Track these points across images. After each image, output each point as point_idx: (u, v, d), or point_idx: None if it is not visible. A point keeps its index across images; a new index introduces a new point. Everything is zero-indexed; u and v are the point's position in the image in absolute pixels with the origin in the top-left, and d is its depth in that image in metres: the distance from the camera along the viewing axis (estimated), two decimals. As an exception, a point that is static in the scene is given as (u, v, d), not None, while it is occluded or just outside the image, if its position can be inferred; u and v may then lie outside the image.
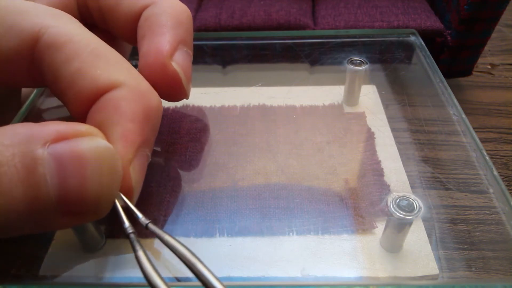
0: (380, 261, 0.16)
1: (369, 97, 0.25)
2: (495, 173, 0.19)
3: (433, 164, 0.21)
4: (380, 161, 0.21)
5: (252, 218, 0.18)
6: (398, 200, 0.16)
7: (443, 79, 0.24)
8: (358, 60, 0.24)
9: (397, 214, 0.16)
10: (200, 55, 0.29)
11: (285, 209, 0.18)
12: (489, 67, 0.53)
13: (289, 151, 0.21)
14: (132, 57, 0.24)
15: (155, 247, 0.16)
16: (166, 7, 0.19)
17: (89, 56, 0.15)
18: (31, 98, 0.23)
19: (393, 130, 0.22)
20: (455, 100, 0.23)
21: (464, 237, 0.18)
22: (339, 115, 0.24)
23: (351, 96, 0.24)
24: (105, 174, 0.13)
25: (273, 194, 0.19)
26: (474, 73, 0.50)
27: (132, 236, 0.14)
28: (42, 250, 0.17)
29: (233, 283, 0.16)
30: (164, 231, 0.14)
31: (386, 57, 0.28)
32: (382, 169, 0.20)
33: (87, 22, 0.21)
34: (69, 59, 0.15)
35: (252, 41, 0.29)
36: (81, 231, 0.17)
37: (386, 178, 0.20)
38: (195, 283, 0.13)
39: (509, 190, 0.18)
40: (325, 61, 0.28)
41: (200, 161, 0.21)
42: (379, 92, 0.25)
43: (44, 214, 0.12)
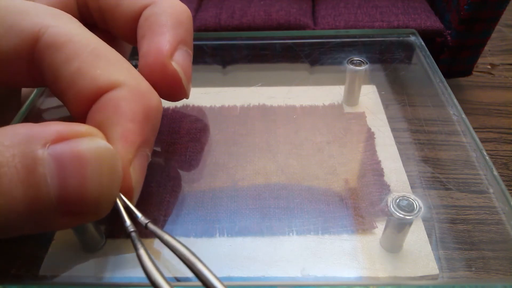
0: (380, 261, 0.16)
1: (369, 97, 0.25)
2: (495, 173, 0.19)
3: (433, 164, 0.21)
4: (380, 161, 0.21)
5: (252, 218, 0.18)
6: (398, 200, 0.16)
7: (443, 79, 0.24)
8: (358, 60, 0.24)
9: (397, 214, 0.16)
10: (200, 55, 0.29)
11: (285, 209, 0.18)
12: (489, 67, 0.53)
13: (289, 151, 0.21)
14: (132, 57, 0.24)
15: (155, 247, 0.16)
16: (166, 7, 0.19)
17: (89, 56, 0.15)
18: (31, 98, 0.23)
19: (393, 130, 0.22)
20: (455, 100, 0.23)
21: (464, 237, 0.18)
22: (339, 115, 0.24)
23: (351, 96, 0.24)
24: (105, 175, 0.13)
25: (273, 194, 0.19)
26: (474, 73, 0.50)
27: (133, 234, 0.14)
28: (42, 250, 0.17)
29: (233, 283, 0.16)
30: (163, 231, 0.14)
31: (386, 57, 0.28)
32: (382, 169, 0.20)
33: (87, 22, 0.21)
34: (69, 59, 0.15)
35: (252, 41, 0.29)
36: (81, 231, 0.17)
37: (386, 178, 0.20)
38: (195, 283, 0.13)
39: (509, 190, 0.18)
40: (325, 61, 0.28)
41: (200, 161, 0.21)
42: (379, 92, 0.25)
43: (44, 214, 0.12)
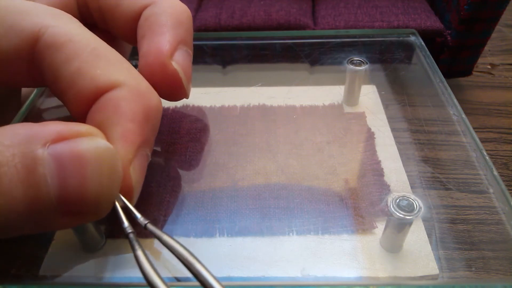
0: (380, 261, 0.16)
1: (369, 97, 0.25)
2: (495, 173, 0.19)
3: (433, 164, 0.21)
4: (380, 161, 0.21)
5: (252, 218, 0.18)
6: (398, 200, 0.16)
7: (443, 79, 0.24)
8: (358, 60, 0.24)
9: (397, 214, 0.16)
10: (200, 55, 0.29)
11: (285, 209, 0.18)
12: (489, 67, 0.53)
13: (289, 151, 0.21)
14: (132, 57, 0.24)
15: (155, 247, 0.16)
16: (166, 7, 0.19)
17: (89, 56, 0.15)
18: (31, 98, 0.23)
19: (393, 130, 0.22)
20: (455, 100, 0.23)
21: (464, 237, 0.18)
22: (339, 115, 0.24)
23: (351, 96, 0.24)
24: (105, 174, 0.13)
25: (273, 194, 0.19)
26: (474, 73, 0.50)
27: (131, 236, 0.14)
28: (42, 250, 0.17)
29: (233, 283, 0.16)
30: (162, 231, 0.14)
31: (386, 57, 0.28)
32: (382, 169, 0.20)
33: (87, 22, 0.21)
34: (69, 59, 0.15)
35: (252, 41, 0.29)
36: (81, 231, 0.17)
37: (386, 178, 0.20)
38: (195, 283, 0.13)
39: (509, 190, 0.18)
40: (325, 61, 0.28)
41: (200, 161, 0.21)
42: (379, 92, 0.25)
43: (44, 214, 0.12)
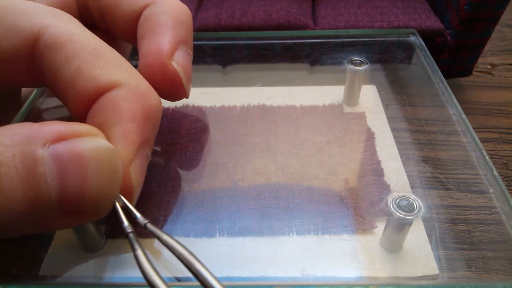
0: (380, 261, 0.16)
1: (369, 97, 0.25)
2: (495, 173, 0.19)
3: (433, 164, 0.21)
4: (380, 161, 0.21)
5: (252, 218, 0.18)
6: (398, 200, 0.16)
7: (443, 79, 0.24)
8: (358, 60, 0.24)
9: (397, 214, 0.16)
10: (200, 55, 0.29)
11: (285, 209, 0.18)
12: (489, 67, 0.53)
13: (289, 151, 0.21)
14: (132, 57, 0.24)
15: (155, 246, 0.16)
16: (166, 7, 0.19)
17: (89, 56, 0.15)
18: (31, 98, 0.23)
19: (393, 130, 0.22)
20: (455, 100, 0.23)
21: (464, 237, 0.18)
22: (339, 115, 0.24)
23: (351, 96, 0.24)
24: (105, 174, 0.13)
25: (273, 194, 0.19)
26: (474, 73, 0.50)
27: (131, 235, 0.14)
28: (42, 250, 0.17)
29: (233, 283, 0.16)
30: (162, 231, 0.14)
31: (386, 57, 0.28)
32: (382, 169, 0.20)
33: (87, 22, 0.21)
34: (69, 59, 0.15)
35: (252, 41, 0.29)
36: (81, 231, 0.17)
37: (386, 178, 0.20)
38: (195, 283, 0.13)
39: (509, 190, 0.18)
40: (325, 61, 0.28)
41: (200, 161, 0.21)
42: (379, 92, 0.25)
43: (44, 214, 0.12)
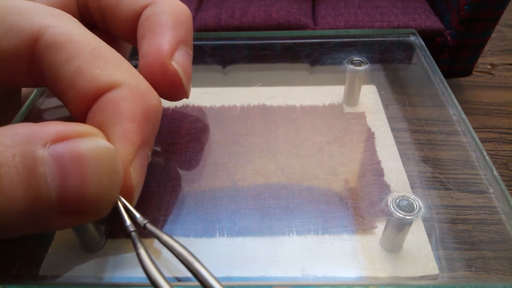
0: (380, 261, 0.16)
1: (369, 97, 0.25)
2: (495, 173, 0.19)
3: (433, 164, 0.21)
4: (380, 161, 0.21)
5: (252, 218, 0.18)
6: (398, 200, 0.16)
7: (443, 79, 0.24)
8: (358, 60, 0.24)
9: (397, 214, 0.16)
10: (200, 55, 0.29)
11: (285, 209, 0.18)
12: (489, 67, 0.53)
13: (289, 151, 0.21)
14: (132, 57, 0.24)
15: (154, 246, 0.16)
16: (166, 7, 0.19)
17: (89, 56, 0.15)
18: (31, 98, 0.23)
19: (393, 130, 0.22)
20: (455, 100, 0.23)
21: (464, 237, 0.18)
22: (339, 115, 0.24)
23: (351, 96, 0.24)
24: (105, 175, 0.13)
25: (273, 194, 0.19)
26: (474, 73, 0.50)
27: (133, 234, 0.14)
28: (42, 250, 0.17)
29: (233, 283, 0.16)
30: (162, 231, 0.14)
31: (386, 57, 0.28)
32: (382, 169, 0.20)
33: (87, 22, 0.21)
34: (69, 59, 0.15)
35: (252, 41, 0.29)
36: (81, 231, 0.17)
37: (386, 178, 0.20)
38: (195, 283, 0.13)
39: (509, 190, 0.18)
40: (325, 61, 0.28)
41: (200, 161, 0.21)
42: (379, 92, 0.25)
43: (44, 214, 0.12)
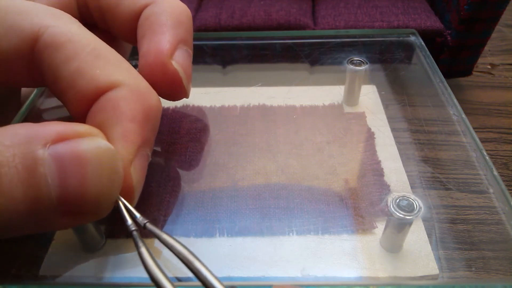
0: (380, 261, 0.16)
1: (369, 97, 0.25)
2: (495, 173, 0.19)
3: (433, 164, 0.21)
4: (380, 161, 0.21)
5: (252, 218, 0.18)
6: (398, 200, 0.16)
7: (443, 79, 0.24)
8: (358, 60, 0.24)
9: (397, 214, 0.16)
10: (200, 55, 0.29)
11: (285, 209, 0.18)
12: (489, 67, 0.53)
13: (289, 151, 0.21)
14: (132, 57, 0.24)
15: (155, 246, 0.16)
16: (166, 7, 0.19)
17: (88, 56, 0.15)
18: (31, 98, 0.23)
19: (393, 130, 0.22)
20: (455, 100, 0.23)
21: (464, 237, 0.18)
22: (339, 115, 0.24)
23: (351, 96, 0.24)
24: (105, 175, 0.13)
25: (273, 194, 0.19)
26: (474, 73, 0.50)
27: (134, 233, 0.14)
28: (42, 250, 0.17)
29: (233, 283, 0.16)
30: (162, 231, 0.14)
31: (386, 57, 0.28)
32: (382, 169, 0.20)
33: (87, 22, 0.21)
34: (69, 59, 0.15)
35: (252, 41, 0.29)
36: (81, 231, 0.17)
37: (386, 178, 0.20)
38: (196, 283, 0.13)
39: (509, 190, 0.18)
40: (325, 61, 0.28)
41: (200, 161, 0.21)
42: (379, 92, 0.25)
43: (44, 214, 0.12)
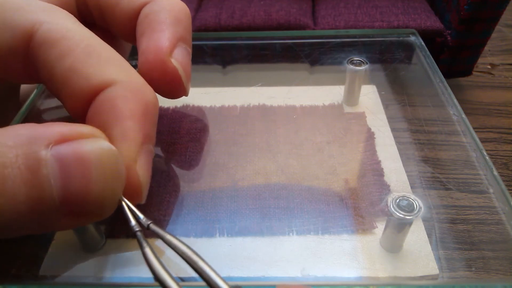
0: (380, 261, 0.16)
1: (369, 97, 0.25)
2: (495, 173, 0.19)
3: (433, 164, 0.21)
4: (380, 161, 0.21)
5: (252, 218, 0.18)
6: (398, 200, 0.16)
7: (443, 79, 0.24)
8: (358, 60, 0.24)
9: (397, 214, 0.16)
10: (200, 55, 0.29)
11: (285, 209, 0.18)
12: (489, 67, 0.53)
13: (289, 151, 0.21)
14: (132, 56, 0.24)
15: (158, 246, 0.16)
16: (165, 5, 0.19)
17: (81, 53, 0.15)
18: (31, 98, 0.23)
19: (393, 130, 0.22)
20: (455, 100, 0.23)
21: (464, 237, 0.18)
22: (339, 115, 0.24)
23: (351, 96, 0.24)
24: (108, 175, 0.13)
25: (273, 194, 0.19)
26: (474, 73, 0.50)
27: (138, 234, 0.14)
28: (42, 250, 0.17)
29: (237, 283, 0.16)
30: (165, 231, 0.14)
31: (386, 57, 0.28)
32: (382, 169, 0.20)
33: (86, 20, 0.21)
34: (62, 56, 0.14)
35: (252, 41, 0.29)
36: (81, 231, 0.17)
37: (386, 178, 0.20)
38: (200, 283, 0.13)
39: (509, 190, 0.18)
40: (325, 61, 0.28)
41: (200, 161, 0.21)
42: (379, 92, 0.25)
43: (47, 215, 0.12)
